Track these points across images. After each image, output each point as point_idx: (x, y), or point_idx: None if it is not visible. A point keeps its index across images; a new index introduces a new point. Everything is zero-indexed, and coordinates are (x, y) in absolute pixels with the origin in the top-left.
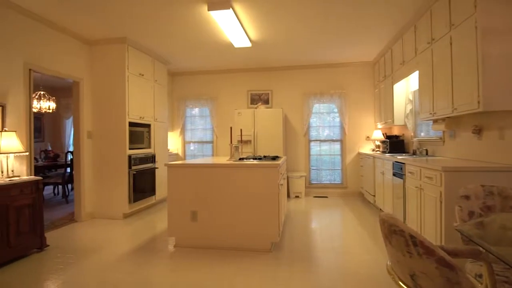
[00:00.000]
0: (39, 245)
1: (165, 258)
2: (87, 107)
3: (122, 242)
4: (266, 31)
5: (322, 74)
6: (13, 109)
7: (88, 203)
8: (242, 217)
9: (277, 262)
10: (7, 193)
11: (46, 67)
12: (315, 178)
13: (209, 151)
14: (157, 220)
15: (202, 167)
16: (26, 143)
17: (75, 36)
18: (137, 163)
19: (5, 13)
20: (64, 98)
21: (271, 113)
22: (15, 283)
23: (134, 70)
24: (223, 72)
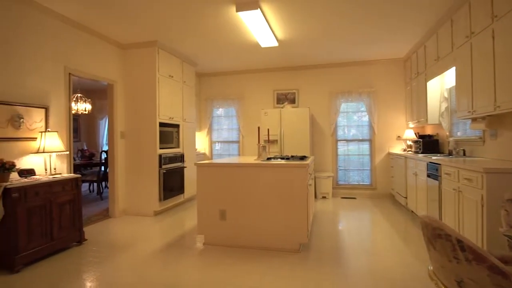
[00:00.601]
0: (78, 239)
1: (195, 255)
2: (120, 108)
3: (154, 238)
4: (293, 30)
5: (350, 72)
6: (55, 111)
7: (121, 200)
8: (270, 217)
9: (306, 263)
10: (50, 189)
11: (83, 70)
12: (342, 179)
13: (235, 150)
14: (186, 218)
15: (231, 166)
16: (66, 142)
17: (110, 41)
18: (166, 162)
19: (48, 21)
20: (98, 100)
21: (297, 113)
22: (59, 273)
23: (164, 72)
24: (249, 72)
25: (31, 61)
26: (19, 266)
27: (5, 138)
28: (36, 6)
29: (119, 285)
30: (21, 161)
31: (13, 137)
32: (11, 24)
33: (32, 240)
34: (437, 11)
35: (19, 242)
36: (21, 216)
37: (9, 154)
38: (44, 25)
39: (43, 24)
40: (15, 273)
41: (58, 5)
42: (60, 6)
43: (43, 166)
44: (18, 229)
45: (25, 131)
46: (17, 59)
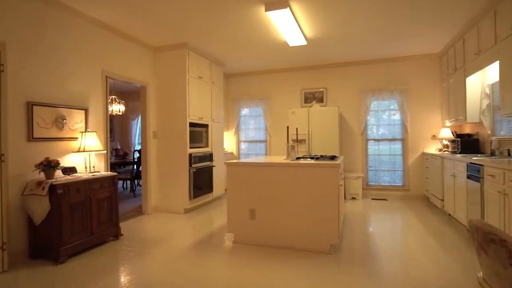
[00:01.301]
0: (115, 234)
1: (225, 253)
2: (153, 109)
3: (185, 235)
4: (322, 28)
5: (381, 69)
6: (94, 112)
7: (153, 198)
8: (300, 217)
9: (337, 265)
10: (90, 186)
11: (119, 73)
12: (373, 180)
13: (262, 150)
14: (214, 216)
15: (260, 166)
16: (103, 142)
17: (143, 44)
18: (196, 161)
19: (86, 27)
20: (130, 101)
21: (326, 112)
22: (99, 266)
23: (194, 73)
24: (277, 72)
25: (72, 66)
26: (64, 258)
27: (50, 138)
28: (76, 13)
29: (153, 279)
30: (64, 160)
31: (57, 137)
32: (56, 32)
33: (74, 233)
34: (477, 2)
35: (63, 235)
36: (65, 211)
37: (53, 153)
38: (83, 31)
39: (82, 31)
40: (60, 264)
41: (96, 11)
42: (98, 12)
43: (83, 164)
44: (62, 223)
45: (67, 131)
46: (60, 65)
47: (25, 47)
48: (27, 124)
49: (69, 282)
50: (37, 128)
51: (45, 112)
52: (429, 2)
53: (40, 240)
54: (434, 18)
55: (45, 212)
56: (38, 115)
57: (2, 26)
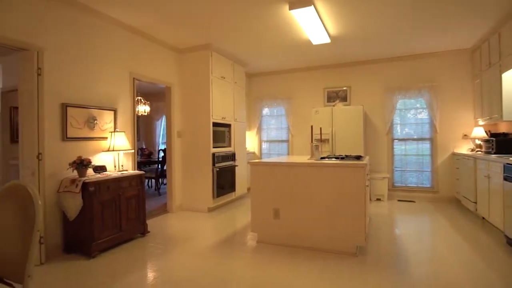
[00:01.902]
0: (142, 231)
1: (249, 252)
2: (177, 109)
3: (209, 234)
4: (346, 25)
5: (407, 66)
6: (122, 113)
7: (177, 196)
8: (325, 218)
9: (363, 267)
10: (119, 184)
11: (145, 75)
12: (399, 180)
13: (284, 150)
14: (237, 215)
15: (284, 165)
16: (131, 142)
17: (168, 46)
18: (219, 160)
19: (115, 31)
20: (154, 102)
21: (350, 111)
22: (128, 261)
23: (217, 73)
24: (299, 71)
25: (103, 69)
26: (95, 252)
27: (82, 137)
28: (106, 18)
29: (180, 276)
30: (94, 158)
31: (88, 136)
32: (88, 37)
33: (105, 230)
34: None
35: (94, 231)
36: (96, 208)
37: (85, 152)
38: (112, 36)
39: (112, 35)
40: (92, 258)
41: (125, 16)
42: (127, 16)
43: (113, 163)
44: (93, 220)
45: (98, 131)
46: (92, 68)
47: (60, 52)
48: (62, 124)
49: (101, 276)
50: (70, 128)
51: (77, 113)
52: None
53: (74, 235)
54: (467, 12)
55: (78, 208)
56: (71, 116)
57: (41, 33)
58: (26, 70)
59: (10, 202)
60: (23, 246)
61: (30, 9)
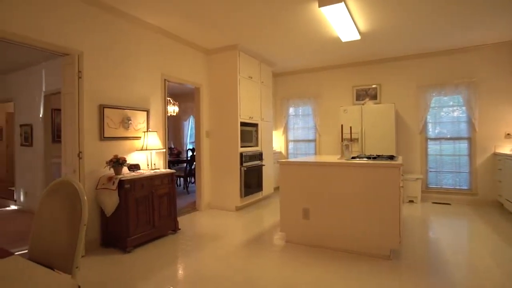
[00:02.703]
0: (173, 228)
1: (278, 252)
2: (206, 109)
3: (237, 232)
4: (377, 21)
5: (442, 62)
6: (154, 113)
7: (206, 195)
8: (357, 219)
9: (398, 272)
10: (152, 182)
11: (175, 76)
12: (433, 182)
13: (311, 149)
14: (265, 214)
15: (314, 165)
16: (162, 141)
17: (197, 48)
18: (247, 160)
19: (148, 34)
20: (182, 103)
21: (380, 109)
22: (161, 256)
23: (244, 73)
24: (326, 69)
25: (136, 71)
26: (130, 247)
27: (118, 137)
28: (140, 22)
29: (211, 273)
30: (129, 157)
31: (123, 136)
32: (123, 41)
33: (139, 226)
34: None
35: (130, 227)
36: (131, 205)
37: (120, 151)
38: (144, 38)
39: (143, 37)
40: (127, 253)
41: (156, 19)
42: (158, 20)
43: (145, 162)
44: (129, 216)
45: (132, 131)
46: (126, 70)
47: (97, 55)
48: (99, 124)
49: (136, 270)
50: (107, 128)
51: (113, 114)
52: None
53: (110, 231)
54: (508, 1)
55: (115, 205)
56: (108, 116)
57: (81, 38)
58: (68, 74)
59: (59, 197)
60: (71, 238)
61: (70, 16)
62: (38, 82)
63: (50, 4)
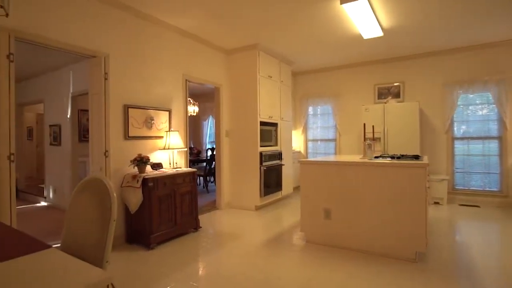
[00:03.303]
0: (194, 226)
1: (299, 252)
2: (225, 108)
3: (258, 231)
4: (401, 16)
5: (470, 58)
6: (175, 113)
7: (226, 194)
8: (381, 220)
9: (425, 276)
10: (174, 181)
11: (196, 76)
12: (460, 183)
13: (331, 149)
14: (284, 214)
15: (336, 164)
16: (184, 141)
17: (217, 48)
18: (266, 159)
19: (169, 36)
20: (201, 103)
21: (403, 108)
22: (183, 254)
23: (264, 73)
24: (347, 67)
25: (159, 72)
26: (153, 244)
27: (141, 136)
28: (161, 24)
29: (233, 271)
30: (151, 156)
31: (147, 135)
32: (147, 43)
33: (162, 223)
34: None
35: (153, 224)
36: (154, 202)
37: (143, 150)
38: (165, 39)
39: (165, 38)
40: (150, 249)
41: (179, 21)
42: (180, 21)
43: (168, 160)
44: (152, 213)
45: (155, 130)
46: (149, 70)
47: (122, 57)
48: (124, 124)
49: (160, 266)
50: (131, 128)
51: (137, 114)
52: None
53: (134, 227)
54: None
55: (139, 202)
56: (132, 116)
57: (107, 41)
58: (95, 75)
59: (90, 193)
60: (101, 234)
61: (96, 19)
62: (66, 84)
63: (77, 9)
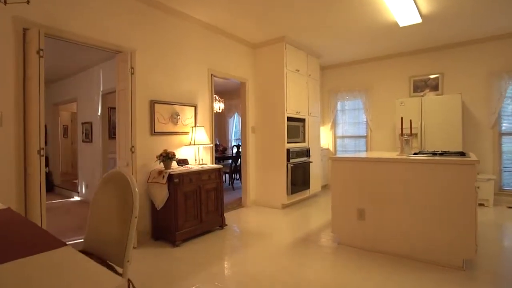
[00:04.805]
0: (220, 224)
1: (330, 254)
2: (251, 104)
3: (285, 231)
4: (442, 0)
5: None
6: (201, 108)
7: (252, 192)
8: (422, 223)
9: (475, 284)
10: (199, 177)
11: (221, 71)
12: (509, 183)
13: (361, 146)
14: (313, 213)
15: (371, 161)
16: (209, 137)
17: (242, 42)
18: (294, 156)
19: (195, 29)
20: (227, 100)
21: (444, 101)
22: (209, 252)
23: (291, 66)
24: (379, 59)
25: (184, 67)
26: (179, 241)
27: (167, 132)
28: (187, 18)
29: (260, 272)
30: (177, 152)
31: (172, 131)
32: (173, 38)
33: (187, 220)
34: None
35: (178, 221)
36: (180, 199)
37: (169, 145)
38: (191, 34)
39: (191, 33)
40: (176, 246)
41: (203, 14)
42: (205, 14)
43: (193, 157)
44: (178, 210)
45: (180, 126)
46: (174, 65)
47: (149, 52)
48: (150, 120)
49: (184, 264)
50: (157, 123)
51: (163, 109)
52: None
53: (160, 224)
54: None
55: (165, 198)
56: (157, 111)
57: (134, 36)
58: (122, 71)
59: (113, 187)
60: (123, 230)
61: (123, 14)
62: (96, 82)
63: (104, 4)
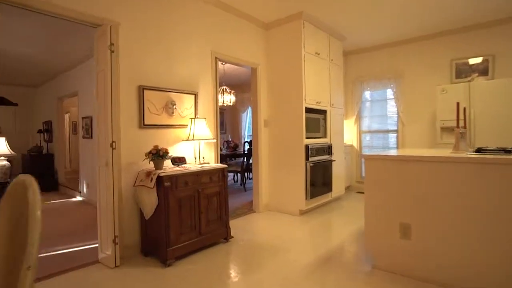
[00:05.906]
0: (224, 236)
1: (362, 282)
2: (263, 93)
3: (304, 246)
4: None
5: None
6: (203, 97)
7: (264, 195)
8: (494, 246)
9: None
10: (198, 179)
11: (228, 54)
12: None
13: (391, 142)
14: (336, 222)
15: (418, 161)
16: (213, 130)
17: (253, 21)
18: (313, 154)
19: (196, 4)
20: (239, 94)
21: (496, 87)
22: (208, 274)
23: (310, 48)
24: (413, 41)
25: (182, 47)
26: (171, 260)
27: (161, 125)
28: None
29: None
30: (174, 149)
31: (167, 124)
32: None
33: (183, 232)
34: None
35: (170, 234)
36: (172, 207)
37: (164, 140)
38: (192, 10)
39: (192, 9)
40: (167, 266)
41: None
42: None
43: (193, 154)
44: (169, 220)
45: (177, 117)
46: (170, 45)
47: (137, 28)
48: (139, 109)
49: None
50: (148, 114)
51: (155, 97)
52: None
53: (151, 236)
54: None
55: (154, 206)
56: (148, 100)
57: (119, 8)
58: (100, 48)
59: (6, 206)
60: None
61: None
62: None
63: None
